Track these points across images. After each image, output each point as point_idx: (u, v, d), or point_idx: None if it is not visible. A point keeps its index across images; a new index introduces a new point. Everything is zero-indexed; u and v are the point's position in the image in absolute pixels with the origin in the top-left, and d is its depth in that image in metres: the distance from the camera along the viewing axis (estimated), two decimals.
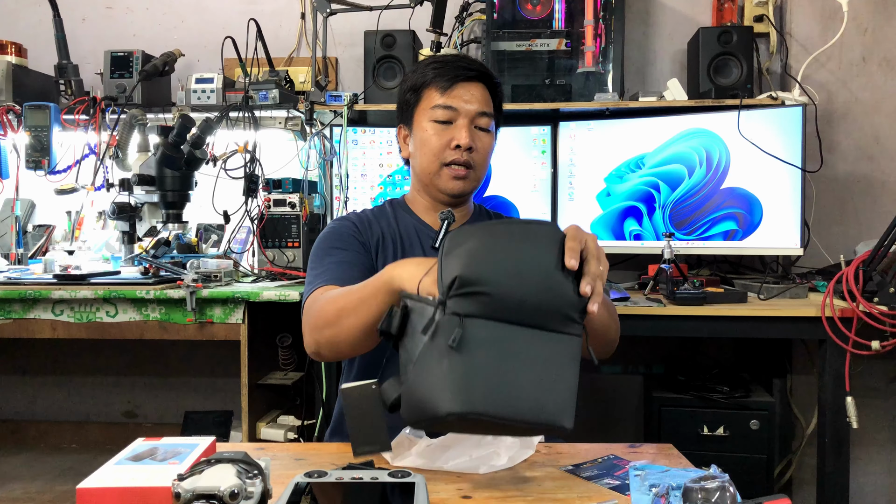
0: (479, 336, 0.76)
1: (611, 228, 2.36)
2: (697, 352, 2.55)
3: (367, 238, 1.30)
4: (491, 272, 0.77)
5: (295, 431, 2.14)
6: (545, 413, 0.78)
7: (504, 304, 0.78)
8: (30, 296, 1.94)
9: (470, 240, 0.80)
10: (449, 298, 0.77)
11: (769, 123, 2.20)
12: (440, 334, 0.76)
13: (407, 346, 0.82)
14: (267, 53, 2.37)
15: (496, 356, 0.77)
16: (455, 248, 0.80)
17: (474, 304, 0.77)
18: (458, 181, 1.29)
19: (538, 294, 0.79)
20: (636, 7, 2.59)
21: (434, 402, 0.76)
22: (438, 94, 1.28)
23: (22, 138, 2.32)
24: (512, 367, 0.78)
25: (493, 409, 0.76)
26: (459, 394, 0.75)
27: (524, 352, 0.79)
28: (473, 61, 1.33)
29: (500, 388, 0.77)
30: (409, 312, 0.82)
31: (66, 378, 2.90)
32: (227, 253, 2.32)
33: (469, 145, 1.26)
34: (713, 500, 0.74)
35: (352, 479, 0.79)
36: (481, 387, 0.76)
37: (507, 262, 0.79)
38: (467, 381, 0.76)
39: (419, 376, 0.79)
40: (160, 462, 0.85)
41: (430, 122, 1.29)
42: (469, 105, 1.27)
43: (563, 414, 0.79)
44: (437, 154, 1.28)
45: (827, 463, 1.93)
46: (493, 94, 1.33)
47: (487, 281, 0.77)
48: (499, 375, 0.77)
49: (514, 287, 0.78)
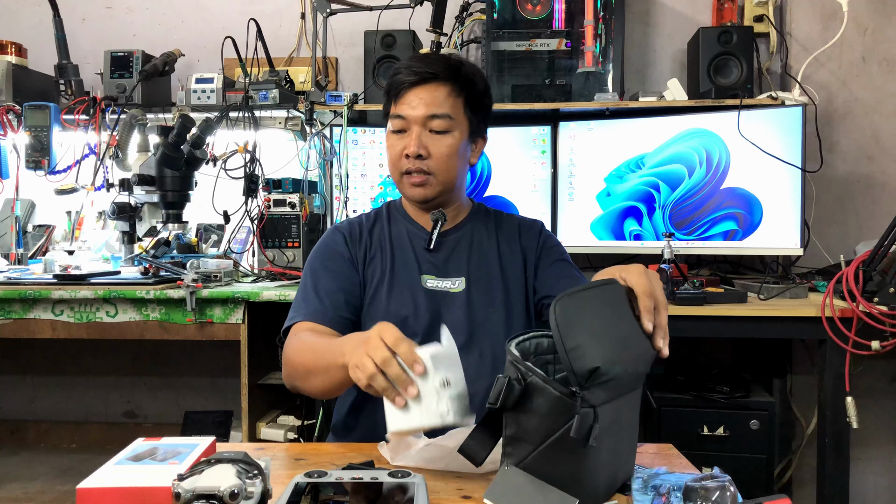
0: (605, 423, 0.77)
1: (611, 228, 2.36)
2: (697, 352, 2.55)
3: (355, 252, 1.30)
4: (617, 357, 0.79)
5: (295, 431, 2.14)
6: (625, 476, 0.87)
7: (625, 383, 0.82)
8: (30, 296, 1.94)
9: (584, 319, 0.81)
10: (585, 389, 0.76)
11: (769, 123, 2.20)
12: (575, 429, 0.75)
13: (521, 420, 0.80)
14: (267, 53, 2.37)
15: (613, 437, 0.82)
16: (575, 330, 0.79)
17: (605, 391, 0.78)
18: (418, 188, 1.26)
19: (638, 363, 0.84)
20: (636, 7, 2.59)
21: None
22: (393, 104, 1.28)
23: (22, 138, 2.32)
24: (620, 439, 0.84)
25: (609, 494, 0.84)
26: (591, 488, 0.80)
27: (625, 419, 0.85)
28: (433, 60, 1.28)
29: (614, 471, 0.85)
30: (529, 391, 0.79)
31: (66, 378, 2.90)
32: (227, 253, 2.32)
33: (416, 153, 1.23)
34: (714, 499, 0.74)
35: (352, 479, 0.79)
36: (604, 478, 0.83)
37: (620, 341, 0.83)
38: (593, 475, 0.80)
39: (546, 464, 0.79)
40: (160, 462, 0.85)
41: (390, 132, 1.29)
42: (416, 111, 1.24)
43: (631, 472, 0.88)
44: (395, 164, 1.28)
45: (827, 463, 1.93)
46: (464, 90, 1.26)
47: (616, 366, 0.78)
48: (613, 456, 0.83)
49: (629, 364, 0.82)
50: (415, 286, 1.26)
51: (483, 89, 1.31)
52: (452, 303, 1.26)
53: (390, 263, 1.29)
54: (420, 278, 1.27)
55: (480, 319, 1.26)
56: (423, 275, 1.28)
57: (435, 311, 1.25)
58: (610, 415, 0.79)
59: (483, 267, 1.31)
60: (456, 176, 1.29)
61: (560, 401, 0.76)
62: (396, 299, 1.25)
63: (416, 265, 1.29)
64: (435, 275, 1.28)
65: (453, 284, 1.28)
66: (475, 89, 1.29)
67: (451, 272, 1.29)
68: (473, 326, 1.25)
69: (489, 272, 1.30)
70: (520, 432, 0.80)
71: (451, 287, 1.28)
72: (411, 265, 1.29)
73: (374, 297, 1.27)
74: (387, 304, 1.25)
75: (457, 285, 1.28)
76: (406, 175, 1.27)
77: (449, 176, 1.28)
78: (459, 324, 1.24)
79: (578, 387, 0.76)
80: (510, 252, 1.34)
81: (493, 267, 1.31)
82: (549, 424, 0.77)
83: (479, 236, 1.34)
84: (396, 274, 1.28)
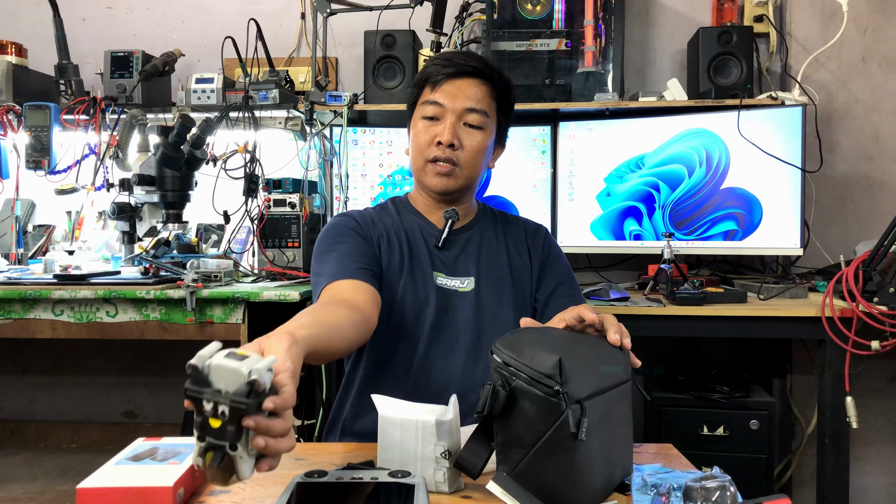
0: (594, 418, 0.79)
1: (611, 228, 2.36)
2: (697, 352, 2.55)
3: (369, 233, 1.28)
4: (571, 349, 0.84)
5: (295, 431, 2.14)
6: (622, 474, 0.89)
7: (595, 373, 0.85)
8: (30, 296, 1.94)
9: (526, 340, 0.84)
10: (563, 384, 0.77)
11: (769, 123, 2.20)
12: (565, 425, 0.77)
13: (510, 426, 0.81)
14: (267, 53, 2.37)
15: (605, 433, 0.83)
16: (522, 349, 0.81)
17: (584, 382, 0.80)
18: (442, 178, 1.26)
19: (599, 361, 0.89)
20: (636, 7, 2.59)
21: (564, 495, 0.80)
22: (430, 90, 1.27)
23: (22, 138, 2.32)
24: (612, 436, 0.86)
25: (607, 492, 0.86)
26: (587, 486, 0.81)
27: (615, 415, 0.88)
28: (475, 57, 1.29)
29: (610, 469, 0.86)
30: (515, 395, 0.80)
31: (66, 378, 2.90)
32: (227, 253, 2.32)
33: (450, 142, 1.23)
34: (714, 499, 0.74)
35: (352, 479, 0.79)
36: (600, 477, 0.83)
37: (566, 341, 0.89)
38: (588, 474, 0.81)
39: (540, 467, 0.79)
40: (160, 462, 0.85)
41: (421, 118, 1.27)
42: (456, 101, 1.24)
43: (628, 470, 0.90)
44: (422, 150, 1.27)
45: (827, 463, 1.93)
46: (499, 93, 1.29)
47: (575, 358, 0.81)
48: (607, 453, 0.84)
49: (587, 356, 0.87)
50: (428, 281, 1.26)
51: (514, 99, 1.34)
52: (461, 302, 1.26)
53: (408, 253, 1.28)
54: (432, 274, 1.27)
55: (489, 320, 1.26)
56: (434, 271, 1.27)
57: (443, 309, 1.25)
58: (598, 410, 0.81)
59: (492, 268, 1.31)
60: (479, 174, 1.30)
61: (545, 401, 0.78)
62: (410, 291, 1.24)
63: (429, 260, 1.28)
64: (445, 273, 1.28)
65: (462, 283, 1.28)
66: (509, 97, 1.32)
67: (460, 271, 1.29)
68: (483, 327, 1.25)
69: (498, 273, 1.30)
70: (511, 438, 0.81)
71: (460, 286, 1.28)
72: (425, 260, 1.28)
73: (387, 281, 1.25)
74: (402, 294, 1.24)
75: (465, 284, 1.28)
76: (432, 163, 1.26)
77: (474, 171, 1.28)
78: (468, 323, 1.24)
79: (558, 384, 0.77)
80: (518, 254, 1.34)
81: (502, 268, 1.31)
82: (539, 426, 0.78)
83: (489, 237, 1.34)
84: (411, 265, 1.27)
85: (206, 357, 0.65)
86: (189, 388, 0.63)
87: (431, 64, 1.28)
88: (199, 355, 0.65)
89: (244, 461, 0.63)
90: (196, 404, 0.63)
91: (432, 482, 0.86)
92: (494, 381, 0.81)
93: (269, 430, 0.64)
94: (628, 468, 0.89)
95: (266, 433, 0.64)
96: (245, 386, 0.62)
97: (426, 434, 0.86)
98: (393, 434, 0.88)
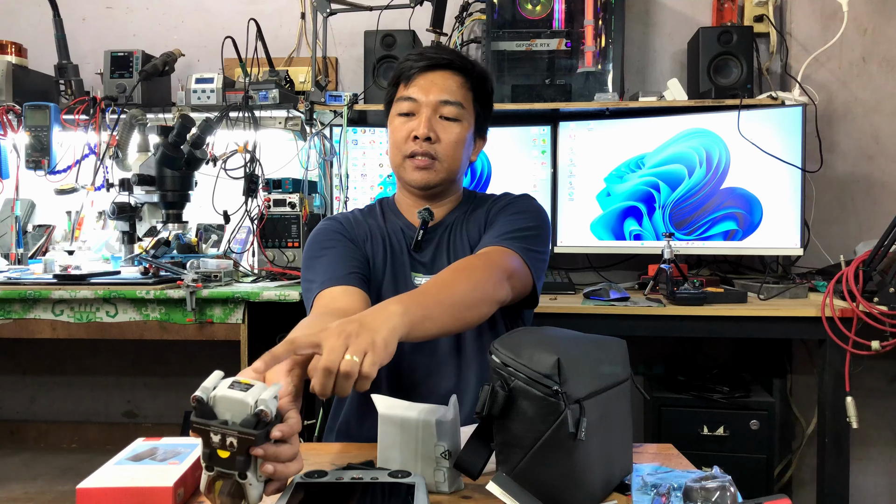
0: (593, 418, 0.79)
1: (611, 228, 2.36)
2: (697, 352, 2.55)
3: (355, 234, 1.28)
4: (570, 349, 0.83)
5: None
6: (622, 473, 0.89)
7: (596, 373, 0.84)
8: (30, 296, 1.94)
9: (522, 341, 0.83)
10: (562, 384, 0.77)
11: (769, 123, 2.20)
12: (564, 425, 0.77)
13: (510, 426, 0.81)
14: (267, 53, 2.37)
15: (604, 433, 0.83)
16: (520, 350, 0.81)
17: (583, 382, 0.80)
18: (421, 172, 1.24)
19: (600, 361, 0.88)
20: (636, 7, 2.59)
21: (564, 495, 0.79)
22: (404, 86, 1.26)
23: (22, 138, 2.32)
24: (611, 435, 0.85)
25: (606, 492, 0.85)
26: (587, 486, 0.81)
27: (614, 415, 0.87)
28: (447, 50, 1.29)
29: (609, 469, 0.85)
30: (514, 396, 0.80)
31: (66, 378, 2.90)
32: (227, 253, 2.31)
33: (426, 135, 1.22)
34: (714, 499, 0.74)
35: (352, 479, 0.79)
36: (600, 476, 0.83)
37: (566, 340, 0.86)
38: (587, 473, 0.80)
39: (539, 467, 0.79)
40: (160, 462, 0.85)
41: (396, 115, 1.27)
42: (430, 94, 1.23)
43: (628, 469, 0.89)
44: (399, 147, 1.26)
45: (827, 463, 1.93)
46: (475, 83, 1.27)
47: (576, 357, 0.81)
48: (606, 453, 0.84)
49: (589, 356, 0.86)
50: (409, 283, 1.26)
51: (490, 89, 1.32)
52: None
53: (390, 255, 1.28)
54: (412, 276, 1.27)
55: None
56: (413, 272, 1.27)
57: None
58: (597, 410, 0.81)
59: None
60: (460, 166, 1.29)
61: (544, 401, 0.78)
62: (392, 293, 1.23)
63: (408, 262, 1.28)
64: (423, 272, 1.28)
65: None
66: (485, 87, 1.30)
67: (437, 270, 1.26)
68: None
69: None
70: (510, 438, 0.81)
71: None
72: (405, 261, 1.28)
73: (372, 283, 1.25)
74: (385, 296, 1.23)
75: None
76: (410, 158, 1.25)
77: (454, 165, 1.27)
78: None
79: (557, 384, 0.77)
80: (479, 234, 1.30)
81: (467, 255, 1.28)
82: (538, 426, 0.78)
83: (457, 229, 1.31)
84: (393, 267, 1.27)
85: (210, 388, 0.65)
86: (195, 421, 0.64)
87: (405, 60, 1.27)
88: (203, 387, 0.65)
89: (253, 487, 0.64)
90: (203, 436, 0.64)
91: (432, 482, 0.86)
92: (493, 381, 0.81)
93: (278, 456, 0.65)
94: (628, 468, 0.89)
95: (275, 460, 0.65)
96: (252, 417, 0.63)
97: (426, 434, 0.86)
98: (393, 434, 0.88)
